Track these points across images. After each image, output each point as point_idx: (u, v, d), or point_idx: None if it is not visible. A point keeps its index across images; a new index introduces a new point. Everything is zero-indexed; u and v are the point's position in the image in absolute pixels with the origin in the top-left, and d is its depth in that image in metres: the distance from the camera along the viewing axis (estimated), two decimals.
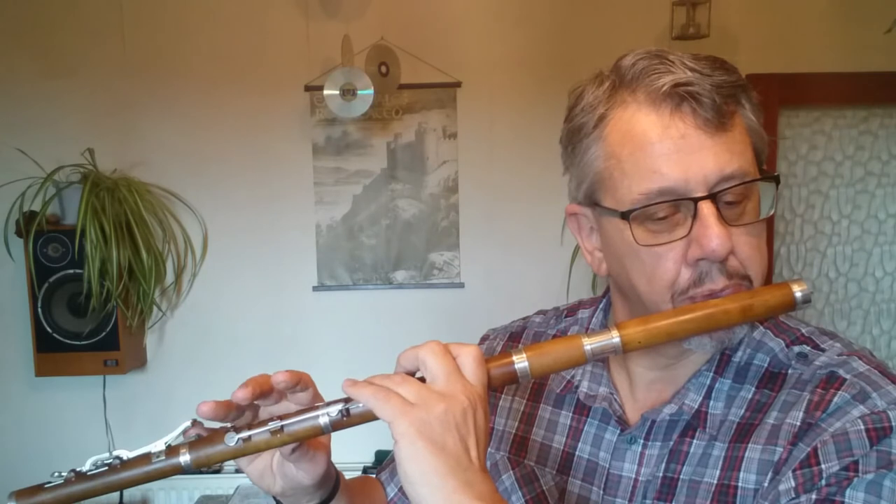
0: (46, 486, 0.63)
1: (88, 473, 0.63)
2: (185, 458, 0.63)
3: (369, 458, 2.58)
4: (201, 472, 2.59)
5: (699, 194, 0.66)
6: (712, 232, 0.65)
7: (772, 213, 0.71)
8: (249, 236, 2.64)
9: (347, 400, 0.64)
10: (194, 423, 0.67)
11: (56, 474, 0.63)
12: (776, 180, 0.71)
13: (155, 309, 2.60)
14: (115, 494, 2.55)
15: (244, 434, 0.64)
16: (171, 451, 0.64)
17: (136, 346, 2.60)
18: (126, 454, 0.63)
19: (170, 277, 2.63)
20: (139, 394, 2.65)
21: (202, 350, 2.63)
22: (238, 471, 2.60)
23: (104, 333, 2.46)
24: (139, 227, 2.46)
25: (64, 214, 2.48)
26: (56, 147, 2.51)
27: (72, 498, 0.63)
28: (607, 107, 0.71)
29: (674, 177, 0.67)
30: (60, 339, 2.45)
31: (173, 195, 2.61)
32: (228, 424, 0.67)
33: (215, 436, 0.65)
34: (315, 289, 2.66)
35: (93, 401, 2.62)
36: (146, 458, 0.63)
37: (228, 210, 2.63)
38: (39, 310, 2.43)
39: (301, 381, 0.68)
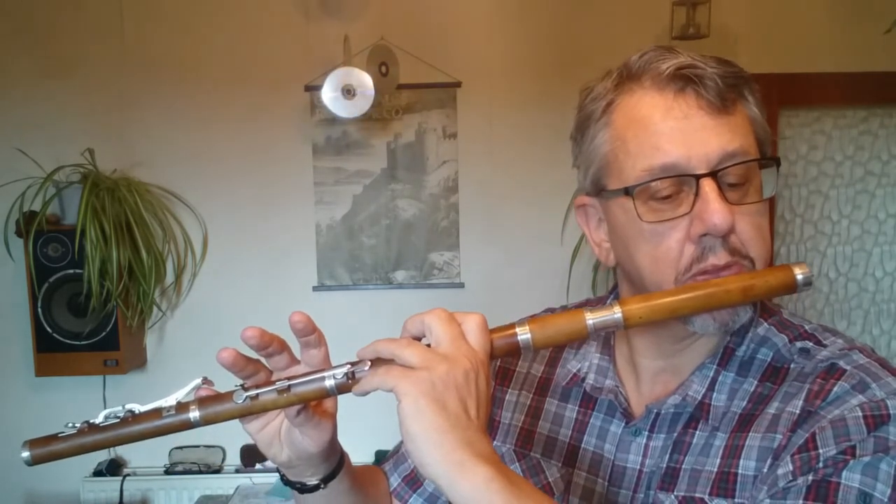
0: (59, 435, 0.66)
1: (101, 425, 0.65)
2: (194, 414, 0.65)
3: (369, 458, 2.57)
4: (201, 472, 2.60)
5: (701, 171, 0.68)
6: (713, 207, 0.67)
7: (773, 194, 0.73)
8: (249, 236, 2.64)
9: (354, 364, 0.66)
10: (205, 380, 0.69)
11: (69, 425, 0.65)
12: (777, 162, 0.73)
13: (155, 309, 2.60)
14: (116, 494, 2.56)
15: (252, 392, 0.66)
16: (181, 407, 0.66)
17: (136, 346, 2.60)
18: (138, 408, 0.66)
19: (170, 277, 2.63)
20: (139, 394, 2.60)
21: (202, 350, 2.62)
22: (238, 471, 2.61)
23: (104, 333, 2.45)
24: (139, 227, 2.46)
25: (64, 214, 2.49)
26: (56, 147, 2.51)
27: (84, 448, 0.65)
28: (615, 95, 0.74)
29: (676, 153, 0.69)
30: (60, 339, 2.44)
31: (173, 195, 2.61)
32: (239, 384, 0.68)
33: (224, 394, 0.67)
34: (315, 289, 2.66)
35: (93, 401, 2.61)
36: (157, 412, 0.66)
37: (228, 210, 2.63)
38: (39, 310, 2.43)
39: (318, 333, 0.70)
